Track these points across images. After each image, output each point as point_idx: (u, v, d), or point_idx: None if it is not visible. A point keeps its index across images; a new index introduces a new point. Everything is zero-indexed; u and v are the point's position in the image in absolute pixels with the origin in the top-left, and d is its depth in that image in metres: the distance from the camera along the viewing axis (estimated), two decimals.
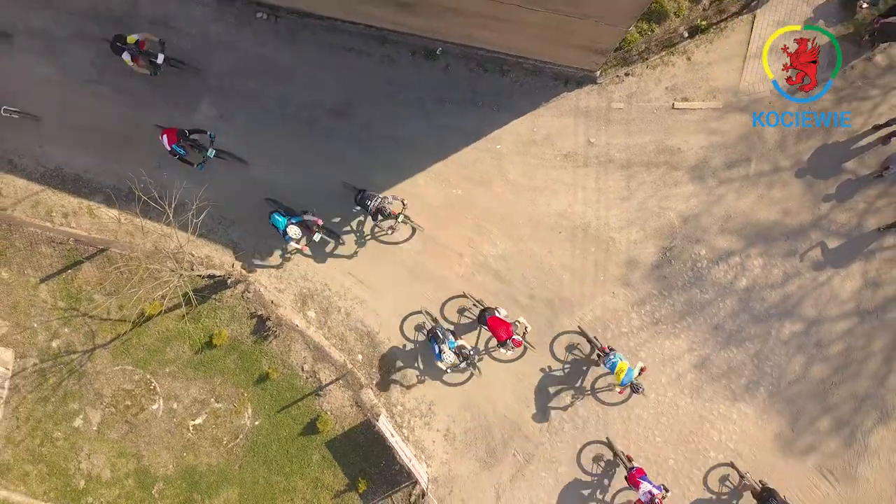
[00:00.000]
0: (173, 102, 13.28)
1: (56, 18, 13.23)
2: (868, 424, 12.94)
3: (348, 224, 13.13)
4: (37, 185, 13.30)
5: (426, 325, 12.50)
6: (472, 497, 13.05)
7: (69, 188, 13.31)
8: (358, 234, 13.13)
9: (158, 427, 12.96)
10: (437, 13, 11.64)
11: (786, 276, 13.07)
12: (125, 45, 12.15)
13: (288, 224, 11.75)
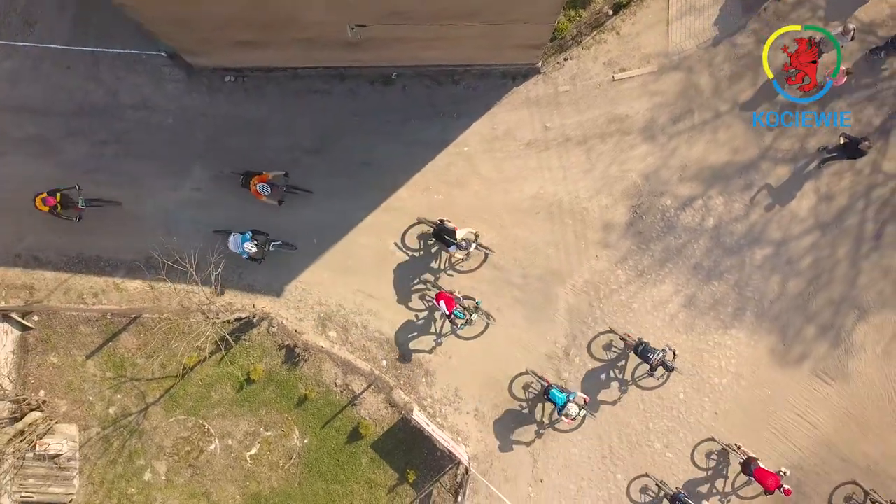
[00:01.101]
0: (169, 173, 14.58)
1: (47, 122, 14.55)
2: (849, 324, 14.21)
3: None
4: (64, 273, 14.62)
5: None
6: (512, 465, 14.33)
7: (93, 270, 14.63)
8: None
9: (219, 464, 14.27)
10: (384, 45, 12.92)
11: (747, 207, 14.34)
12: None
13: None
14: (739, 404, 14.18)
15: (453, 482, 14.12)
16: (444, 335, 14.18)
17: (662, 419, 14.29)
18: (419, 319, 14.38)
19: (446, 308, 13.15)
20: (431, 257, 14.40)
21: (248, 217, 14.26)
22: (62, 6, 14.64)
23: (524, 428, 14.30)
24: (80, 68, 14.65)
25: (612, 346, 14.30)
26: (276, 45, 13.13)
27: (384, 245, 14.45)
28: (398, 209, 14.34)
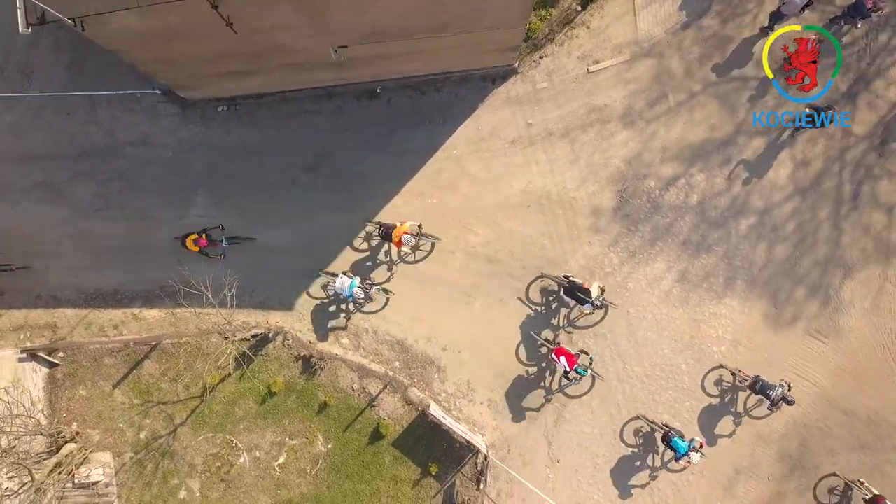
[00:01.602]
0: (173, 203, 15.23)
1: (53, 168, 15.21)
2: (837, 282, 14.84)
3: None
4: (83, 309, 15.28)
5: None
6: (528, 450, 14.97)
7: (111, 303, 15.28)
8: None
9: (250, 476, 14.92)
10: (367, 62, 13.56)
11: (728, 181, 14.96)
12: None
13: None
14: None
15: (474, 471, 14.76)
16: (554, 392, 14.64)
17: (667, 391, 14.91)
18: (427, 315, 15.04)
19: (567, 364, 13.57)
20: (553, 313, 14.83)
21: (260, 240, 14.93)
22: (56, 55, 15.28)
23: (536, 413, 14.93)
24: (79, 113, 15.30)
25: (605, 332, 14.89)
26: (264, 73, 13.77)
27: (384, 251, 15.06)
28: (394, 216, 14.97)
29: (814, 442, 14.80)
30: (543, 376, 14.89)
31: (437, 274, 15.04)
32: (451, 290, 14.98)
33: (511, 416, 14.93)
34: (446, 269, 15.06)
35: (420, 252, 14.92)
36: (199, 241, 14.40)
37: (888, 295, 14.75)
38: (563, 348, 14.00)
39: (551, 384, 14.85)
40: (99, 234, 15.18)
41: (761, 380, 13.89)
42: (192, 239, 14.38)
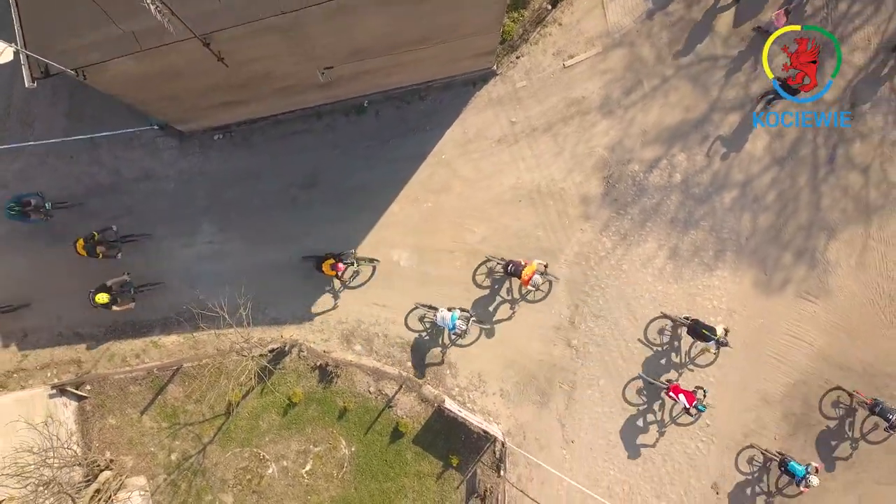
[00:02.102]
0: (181, 233, 15.87)
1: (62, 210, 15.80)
2: (821, 244, 15.46)
3: None
4: (104, 342, 15.91)
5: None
6: (543, 434, 15.59)
7: (129, 334, 15.92)
8: None
9: (280, 486, 15.55)
10: (352, 79, 14.19)
11: (708, 158, 15.59)
12: None
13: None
14: (737, 337, 15.37)
15: (493, 459, 15.39)
16: (666, 425, 15.19)
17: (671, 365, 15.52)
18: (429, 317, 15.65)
19: (686, 402, 14.14)
20: (673, 350, 15.35)
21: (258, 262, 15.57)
22: (54, 102, 15.92)
23: (546, 398, 15.56)
24: (82, 156, 15.95)
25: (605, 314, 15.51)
26: (255, 100, 14.42)
27: (387, 258, 15.70)
28: (393, 223, 15.63)
29: (815, 399, 15.41)
30: (552, 363, 15.50)
31: (439, 274, 15.67)
32: (454, 288, 15.60)
33: (523, 403, 15.56)
34: (448, 268, 15.69)
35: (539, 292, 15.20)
36: (337, 265, 14.32)
37: (872, 252, 15.36)
38: (678, 386, 14.52)
39: (562, 366, 15.45)
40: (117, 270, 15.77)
41: (881, 402, 14.36)
42: (330, 264, 14.34)
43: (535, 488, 15.47)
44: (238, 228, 15.85)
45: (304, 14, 9.98)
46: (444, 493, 15.46)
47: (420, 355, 15.64)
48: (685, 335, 14.96)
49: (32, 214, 14.61)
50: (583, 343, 15.58)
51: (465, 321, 14.36)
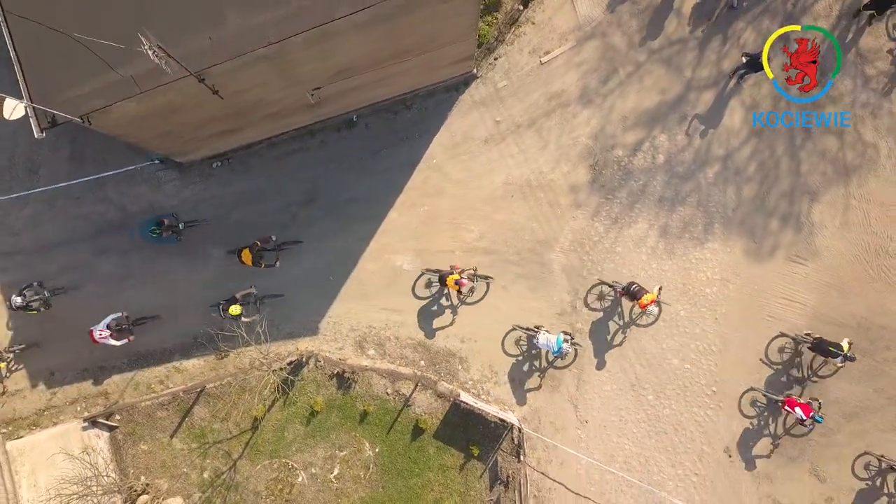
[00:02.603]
0: (190, 260, 16.49)
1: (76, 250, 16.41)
2: (805, 208, 16.05)
3: None
4: (128, 373, 16.55)
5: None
6: (558, 417, 16.20)
7: (151, 362, 16.55)
8: None
9: (310, 492, 16.18)
10: (340, 96, 14.82)
11: (688, 136, 16.19)
12: None
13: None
14: (733, 305, 15.99)
15: (512, 445, 16.00)
16: (780, 438, 15.57)
17: (672, 338, 16.13)
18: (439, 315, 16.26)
19: (803, 413, 14.60)
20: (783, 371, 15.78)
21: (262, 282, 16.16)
22: (56, 148, 16.55)
23: (557, 382, 16.17)
24: (88, 196, 16.58)
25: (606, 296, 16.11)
26: (250, 126, 15.04)
27: (391, 264, 16.33)
28: (393, 230, 16.25)
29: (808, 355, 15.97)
30: None
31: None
32: None
33: (535, 389, 16.17)
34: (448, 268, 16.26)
35: None
36: (461, 281, 14.83)
37: (854, 210, 15.95)
38: (793, 399, 15.05)
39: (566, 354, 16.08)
40: (131, 301, 16.41)
41: None
42: (455, 279, 14.91)
43: (555, 469, 16.09)
44: None
45: (289, 43, 10.59)
46: (468, 483, 16.08)
47: (431, 353, 16.27)
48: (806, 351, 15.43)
49: (165, 234, 15.46)
50: (586, 326, 16.19)
51: (569, 344, 14.97)
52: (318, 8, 10.28)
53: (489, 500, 16.04)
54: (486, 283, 16.00)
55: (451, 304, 16.29)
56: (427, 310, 16.33)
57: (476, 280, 15.54)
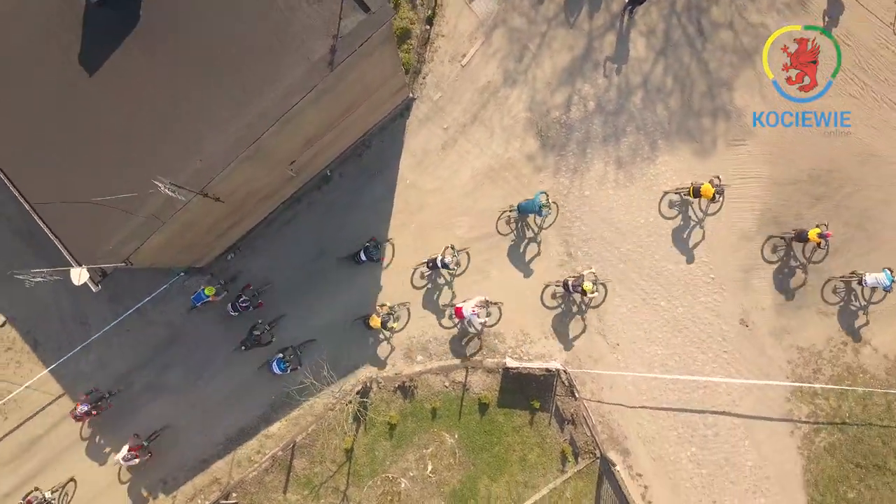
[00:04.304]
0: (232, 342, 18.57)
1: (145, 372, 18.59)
2: (727, 98, 18.22)
3: None
4: (227, 455, 18.71)
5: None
6: (593, 350, 18.28)
7: (243, 439, 18.71)
8: None
9: (416, 492, 18.34)
10: (311, 160, 17.05)
11: (606, 78, 18.36)
12: None
13: None
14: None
15: (564, 388, 18.17)
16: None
17: (660, 247, 18.26)
18: None
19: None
20: None
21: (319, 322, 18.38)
22: (94, 295, 18.62)
23: (578, 323, 18.33)
24: (136, 325, 18.78)
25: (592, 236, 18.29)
26: (247, 215, 17.27)
27: (404, 277, 18.47)
28: (396, 251, 18.45)
29: (783, 216, 18.15)
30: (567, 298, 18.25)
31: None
32: (468, 276, 18.42)
33: (565, 335, 18.35)
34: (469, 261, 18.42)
35: None
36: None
37: (769, 85, 18.08)
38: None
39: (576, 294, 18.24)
40: (206, 398, 18.65)
41: None
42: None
43: (608, 394, 18.25)
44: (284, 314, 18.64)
45: (262, 139, 12.80)
46: (541, 433, 18.25)
47: (468, 338, 18.43)
48: None
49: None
50: (586, 266, 18.33)
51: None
52: (277, 103, 12.49)
53: (564, 440, 18.21)
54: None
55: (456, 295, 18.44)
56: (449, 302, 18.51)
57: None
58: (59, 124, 12.96)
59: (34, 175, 12.95)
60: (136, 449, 17.43)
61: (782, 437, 17.95)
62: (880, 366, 17.91)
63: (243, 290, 18.11)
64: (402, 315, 18.10)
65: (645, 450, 18.12)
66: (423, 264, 18.03)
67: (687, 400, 18.15)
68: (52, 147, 12.95)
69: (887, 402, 17.85)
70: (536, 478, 18.18)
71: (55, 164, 12.94)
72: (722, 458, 17.99)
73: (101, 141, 12.84)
